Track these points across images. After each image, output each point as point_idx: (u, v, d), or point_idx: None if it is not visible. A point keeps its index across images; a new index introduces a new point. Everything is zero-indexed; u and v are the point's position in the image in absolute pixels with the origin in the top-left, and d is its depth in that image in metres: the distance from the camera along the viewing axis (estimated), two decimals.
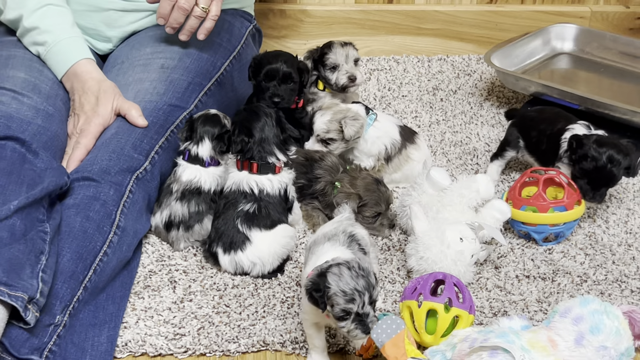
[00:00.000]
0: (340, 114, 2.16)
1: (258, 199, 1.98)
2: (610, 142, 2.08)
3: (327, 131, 2.16)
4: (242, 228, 1.95)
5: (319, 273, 1.56)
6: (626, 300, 1.92)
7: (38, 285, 1.59)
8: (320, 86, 2.40)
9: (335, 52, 2.35)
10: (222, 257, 1.96)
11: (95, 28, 2.31)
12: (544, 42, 2.84)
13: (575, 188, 2.08)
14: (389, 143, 2.25)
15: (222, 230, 1.97)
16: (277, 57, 2.22)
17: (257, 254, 1.95)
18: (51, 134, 1.98)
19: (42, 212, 1.71)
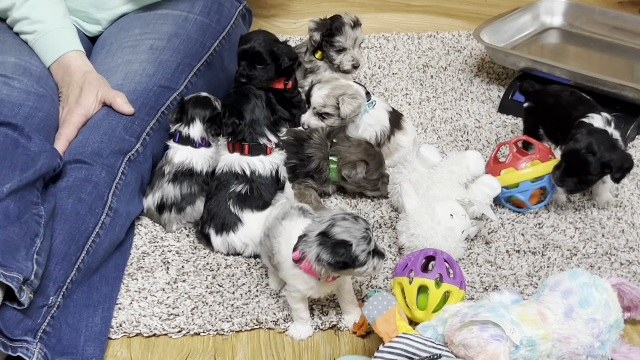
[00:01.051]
0: (339, 90, 2.15)
1: (250, 180, 1.98)
2: (602, 136, 2.02)
3: (324, 105, 2.16)
4: (234, 209, 1.96)
5: (334, 243, 1.62)
6: (616, 272, 1.94)
7: (33, 267, 1.61)
8: (318, 55, 2.40)
9: (345, 35, 2.34)
10: (214, 239, 1.97)
11: (85, 10, 2.31)
12: (533, 17, 2.84)
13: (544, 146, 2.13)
14: (379, 130, 2.25)
15: (215, 212, 1.98)
16: (252, 38, 2.21)
17: (249, 235, 1.95)
18: (43, 114, 1.98)
19: (36, 195, 1.72)
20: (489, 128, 2.49)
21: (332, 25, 2.35)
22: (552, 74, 2.49)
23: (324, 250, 1.63)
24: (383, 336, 1.59)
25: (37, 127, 1.93)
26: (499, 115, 2.56)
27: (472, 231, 2.00)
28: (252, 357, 1.74)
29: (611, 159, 2.00)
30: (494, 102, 2.63)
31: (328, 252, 1.62)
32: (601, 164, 2.00)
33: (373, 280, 1.91)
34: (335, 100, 2.14)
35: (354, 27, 2.35)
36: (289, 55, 2.23)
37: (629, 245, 2.03)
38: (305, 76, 2.42)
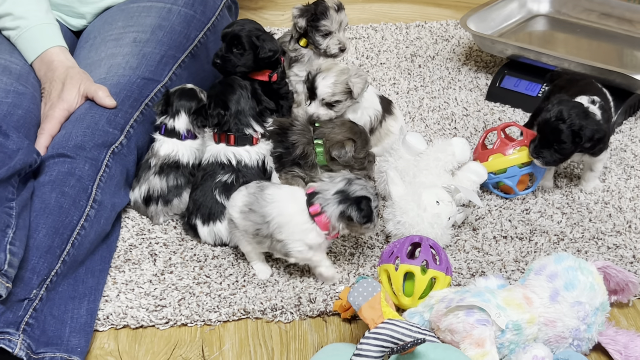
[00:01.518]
0: (344, 74, 2.13)
1: (236, 169, 1.98)
2: (573, 105, 2.02)
3: (333, 94, 2.12)
4: (220, 199, 1.95)
5: (356, 199, 1.75)
6: (603, 257, 1.94)
7: (6, 257, 1.60)
8: (302, 43, 2.38)
9: (330, 19, 2.32)
10: (201, 229, 1.97)
11: (69, 5, 2.31)
12: (520, 4, 2.83)
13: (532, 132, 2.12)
14: (373, 115, 2.24)
15: (201, 202, 1.97)
16: (237, 23, 2.17)
17: None
18: (23, 111, 1.98)
19: (10, 192, 1.71)
20: (477, 116, 2.49)
21: (317, 9, 2.34)
22: (540, 61, 2.48)
23: (349, 206, 1.76)
24: (369, 322, 1.58)
25: (15, 124, 1.93)
26: (487, 103, 2.56)
27: (459, 218, 2.00)
28: (240, 346, 1.74)
29: (581, 126, 1.98)
30: (482, 90, 2.62)
31: (354, 209, 1.75)
32: (572, 132, 1.99)
33: (360, 268, 1.91)
34: (344, 86, 2.11)
35: (338, 11, 2.35)
36: (269, 46, 2.19)
37: (616, 229, 2.03)
38: (290, 66, 2.41)
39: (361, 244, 1.99)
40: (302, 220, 1.78)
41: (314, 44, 2.35)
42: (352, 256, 1.95)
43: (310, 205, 1.78)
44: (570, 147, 2.01)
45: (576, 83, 2.20)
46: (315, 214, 1.77)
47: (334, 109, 2.14)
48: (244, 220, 1.82)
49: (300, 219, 1.78)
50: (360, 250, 1.97)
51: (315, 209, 1.77)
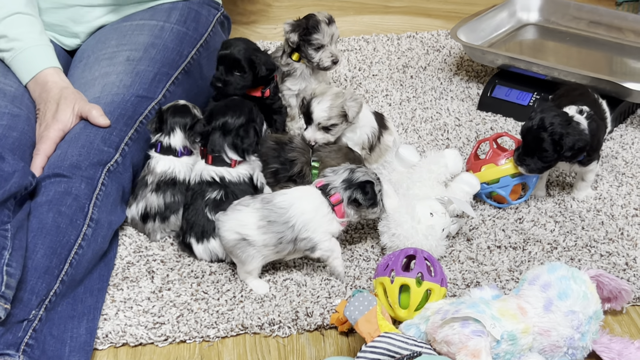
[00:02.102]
0: (340, 98, 2.13)
1: (222, 185, 1.99)
2: (555, 114, 2.03)
3: (329, 118, 2.12)
4: (211, 216, 1.96)
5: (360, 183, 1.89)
6: (596, 264, 1.95)
7: (3, 279, 1.61)
8: (295, 57, 2.41)
9: (322, 32, 2.35)
10: (196, 247, 1.98)
11: (62, 24, 2.32)
12: (509, 14, 2.86)
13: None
14: (370, 132, 2.24)
15: (193, 221, 1.99)
16: (232, 44, 2.20)
17: None
18: (18, 133, 2.00)
19: (6, 215, 1.73)
20: (469, 126, 2.51)
21: (308, 24, 2.37)
22: (530, 70, 2.51)
23: (354, 191, 1.88)
24: (365, 336, 1.60)
25: (11, 146, 1.95)
26: (479, 113, 2.58)
27: (453, 229, 2.02)
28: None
29: (562, 134, 2.00)
30: (474, 99, 2.65)
31: (359, 192, 1.88)
32: (552, 140, 2.01)
33: (357, 281, 1.93)
34: (340, 110, 2.12)
35: (329, 24, 2.37)
36: (266, 65, 2.23)
37: (609, 236, 2.05)
38: (283, 80, 2.43)
39: (357, 256, 2.01)
40: (325, 211, 1.89)
41: (307, 57, 2.38)
42: (348, 269, 1.97)
43: (329, 195, 1.89)
44: (552, 155, 2.03)
45: (572, 92, 2.22)
46: (337, 202, 1.89)
47: (330, 133, 2.14)
48: (264, 235, 1.85)
49: (322, 211, 1.89)
50: (356, 262, 1.99)
51: (336, 197, 1.89)
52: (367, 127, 2.23)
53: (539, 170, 2.07)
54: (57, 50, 2.23)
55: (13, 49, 2.12)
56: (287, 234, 1.86)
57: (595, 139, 2.07)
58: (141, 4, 2.35)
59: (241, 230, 1.86)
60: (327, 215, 1.89)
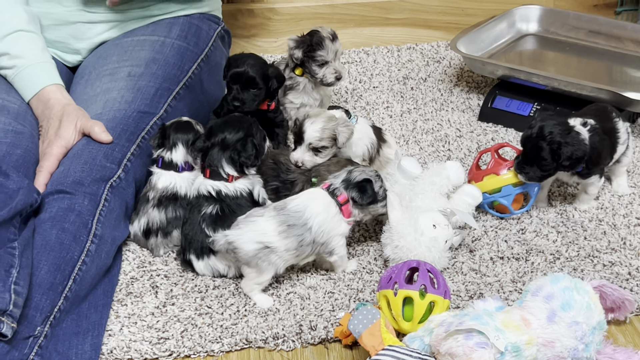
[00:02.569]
0: (332, 122, 2.13)
1: (218, 200, 1.99)
2: (555, 123, 2.03)
3: (320, 139, 2.12)
4: (208, 231, 1.96)
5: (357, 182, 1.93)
6: (598, 274, 1.96)
7: (10, 297, 1.62)
8: (298, 72, 2.42)
9: (326, 49, 2.37)
10: (196, 264, 1.99)
11: (64, 41, 2.33)
12: (509, 24, 2.88)
13: None
14: (369, 144, 2.24)
15: (191, 237, 1.99)
16: (244, 61, 2.22)
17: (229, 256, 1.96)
18: (22, 150, 2.00)
19: (12, 232, 1.73)
20: (470, 137, 2.52)
21: (312, 40, 2.38)
22: (529, 81, 2.52)
23: (352, 190, 1.93)
24: (369, 350, 1.60)
25: (15, 164, 1.95)
26: (480, 124, 2.59)
27: (456, 240, 2.02)
28: None
29: (560, 144, 2.01)
30: (474, 110, 2.66)
31: (357, 191, 1.92)
32: (551, 149, 2.02)
33: (360, 294, 1.93)
34: (331, 132, 2.11)
35: (333, 40, 2.39)
36: (278, 78, 2.28)
37: (611, 246, 2.05)
38: (285, 93, 2.44)
39: (360, 269, 2.01)
40: (333, 212, 1.93)
41: (310, 73, 2.39)
42: (352, 281, 1.97)
43: (336, 196, 1.93)
44: (550, 164, 2.04)
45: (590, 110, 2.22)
46: (344, 201, 1.93)
47: (319, 155, 2.13)
48: (286, 239, 1.88)
49: (331, 211, 1.93)
50: (360, 275, 1.99)
51: (343, 197, 1.93)
52: (365, 139, 2.23)
53: (539, 178, 2.08)
54: (58, 67, 2.24)
55: (15, 66, 2.13)
56: (307, 236, 1.90)
57: (595, 152, 2.07)
58: (142, 20, 2.36)
59: (262, 238, 1.87)
60: (335, 216, 1.93)
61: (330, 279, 1.98)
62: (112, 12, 2.32)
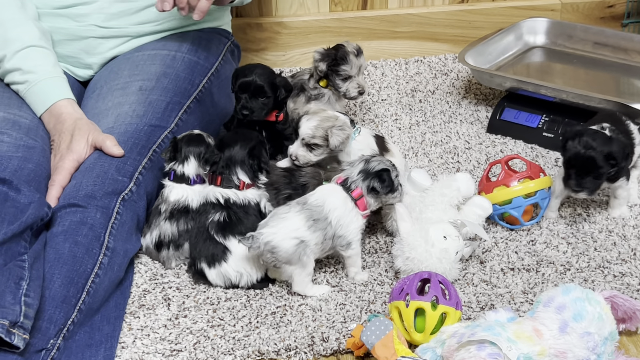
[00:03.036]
0: (328, 122, 2.16)
1: (225, 207, 2.01)
2: (592, 132, 2.07)
3: (313, 136, 2.15)
4: (218, 238, 1.98)
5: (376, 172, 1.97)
6: (609, 285, 1.96)
7: (21, 309, 1.63)
8: (323, 83, 2.46)
9: (350, 64, 2.41)
10: (208, 272, 1.99)
11: (76, 56, 2.36)
12: (516, 37, 2.89)
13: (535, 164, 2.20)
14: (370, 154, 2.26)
15: (200, 246, 2.00)
16: (252, 71, 2.24)
17: (241, 263, 1.97)
18: (33, 165, 2.02)
19: (23, 246, 1.75)
20: (479, 149, 2.53)
21: (337, 54, 2.41)
22: (538, 92, 2.53)
23: (373, 180, 1.96)
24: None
25: (26, 178, 1.97)
26: (488, 136, 2.60)
27: (466, 252, 2.03)
28: None
29: (611, 149, 2.04)
30: (483, 122, 2.67)
31: (376, 181, 1.96)
32: (604, 155, 2.04)
33: (371, 305, 1.94)
34: (324, 132, 2.15)
35: (358, 55, 2.42)
36: (286, 88, 2.29)
37: (621, 257, 2.06)
38: (309, 102, 2.47)
39: (371, 280, 2.02)
40: (349, 206, 1.97)
41: (334, 86, 2.43)
42: (363, 293, 1.98)
43: (350, 191, 1.97)
44: (606, 169, 2.06)
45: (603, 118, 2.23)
46: (358, 197, 1.97)
47: (313, 153, 2.15)
48: (314, 233, 1.93)
49: (347, 205, 1.97)
50: (371, 287, 2.00)
51: (358, 192, 1.97)
52: (366, 149, 2.23)
53: (597, 188, 2.10)
54: (70, 82, 2.26)
55: (27, 81, 2.15)
56: (329, 230, 1.94)
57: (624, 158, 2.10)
58: (154, 35, 2.38)
59: (297, 234, 1.92)
60: (351, 211, 1.97)
61: (341, 291, 1.99)
62: (124, 27, 2.34)
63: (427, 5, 3.12)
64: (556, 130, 2.50)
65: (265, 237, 1.90)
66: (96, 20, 2.32)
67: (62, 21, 2.31)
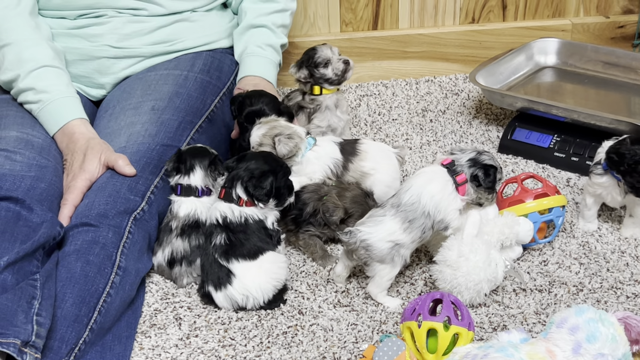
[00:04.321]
0: (276, 130, 2.18)
1: (224, 227, 1.99)
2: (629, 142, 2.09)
3: (260, 144, 2.17)
4: (222, 261, 1.97)
5: (485, 165, 2.01)
6: (622, 306, 1.95)
7: (33, 328, 1.64)
8: (316, 90, 2.47)
9: (321, 50, 2.45)
10: (215, 296, 1.99)
11: (89, 76, 2.37)
12: (527, 57, 2.89)
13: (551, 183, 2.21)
14: (331, 163, 2.23)
15: (207, 268, 2.00)
16: (258, 99, 2.25)
17: (245, 286, 1.96)
18: (46, 184, 2.03)
19: (35, 265, 1.76)
20: None
21: (308, 54, 2.46)
22: (549, 113, 2.53)
23: (479, 170, 2.01)
24: None
25: (39, 197, 1.98)
26: (499, 156, 2.59)
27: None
28: None
29: None
30: (494, 142, 2.67)
31: (483, 172, 2.00)
32: None
33: (383, 325, 1.93)
34: (272, 140, 2.16)
35: (324, 44, 2.47)
36: (289, 115, 2.31)
37: (634, 278, 2.05)
38: (310, 119, 2.48)
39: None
40: (449, 189, 2.00)
41: (323, 80, 2.45)
42: (374, 313, 1.97)
43: (455, 174, 2.00)
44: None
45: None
46: (462, 182, 2.00)
47: None
48: (411, 233, 1.97)
49: (447, 189, 2.00)
50: (382, 307, 2.00)
51: (462, 177, 2.00)
52: (324, 159, 2.23)
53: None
54: (83, 101, 2.28)
55: (41, 100, 2.17)
56: (427, 222, 1.97)
57: None
58: (166, 55, 2.40)
59: (392, 237, 1.95)
60: (452, 193, 2.00)
61: (353, 311, 1.98)
62: (137, 48, 2.36)
63: (438, 26, 3.13)
64: (567, 150, 2.50)
65: (363, 235, 1.94)
66: (109, 41, 2.34)
67: (75, 41, 2.33)
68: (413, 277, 2.09)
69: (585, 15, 3.18)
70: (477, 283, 1.94)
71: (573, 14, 3.17)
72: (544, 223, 2.17)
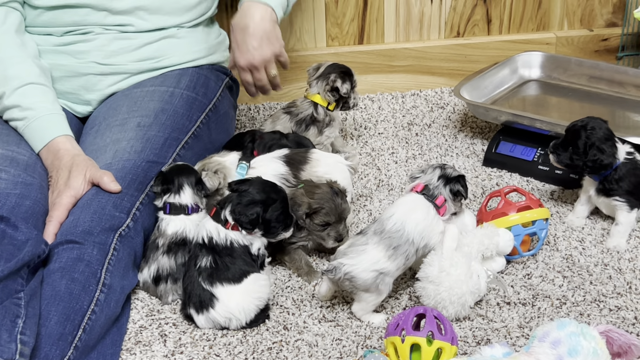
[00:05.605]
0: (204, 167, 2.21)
1: (210, 249, 1.98)
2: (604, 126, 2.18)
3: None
4: (205, 285, 1.96)
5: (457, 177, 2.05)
6: (605, 319, 1.96)
7: (17, 347, 1.63)
8: (332, 107, 2.57)
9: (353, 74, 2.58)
10: (197, 318, 1.98)
11: (75, 92, 2.38)
12: (511, 71, 2.92)
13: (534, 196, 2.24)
14: (277, 180, 2.19)
15: (190, 290, 1.99)
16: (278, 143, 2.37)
17: (228, 309, 1.96)
18: (31, 202, 2.03)
19: (19, 283, 1.75)
20: (475, 182, 2.54)
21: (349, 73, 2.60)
22: (533, 126, 2.55)
23: (456, 184, 2.04)
24: None
25: (24, 215, 1.98)
26: (484, 169, 2.61)
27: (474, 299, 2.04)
28: None
29: (593, 143, 2.14)
30: (479, 155, 2.68)
31: (460, 184, 2.04)
32: (585, 143, 2.14)
33: (367, 340, 1.94)
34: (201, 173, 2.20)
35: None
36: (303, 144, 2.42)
37: (617, 291, 2.06)
38: (321, 132, 2.56)
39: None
40: (432, 214, 2.02)
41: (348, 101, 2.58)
42: (359, 328, 1.98)
43: (434, 198, 2.03)
44: (581, 156, 2.16)
45: None
46: (442, 204, 2.03)
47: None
48: (395, 261, 1.97)
49: (430, 214, 2.02)
50: (367, 322, 2.00)
51: (441, 200, 2.03)
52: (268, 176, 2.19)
53: (564, 164, 2.21)
54: (68, 117, 2.28)
55: (26, 117, 2.17)
56: (411, 249, 1.98)
57: (627, 179, 2.18)
58: (152, 72, 2.41)
59: (376, 266, 1.94)
60: (434, 218, 2.02)
61: (337, 326, 1.99)
62: (123, 64, 2.36)
63: (423, 40, 3.15)
64: (551, 163, 2.51)
65: (347, 268, 1.94)
66: (96, 57, 2.35)
67: (62, 58, 2.34)
68: (397, 292, 2.10)
69: (569, 28, 3.20)
70: (461, 296, 1.95)
71: (557, 28, 3.20)
72: (528, 236, 2.18)
